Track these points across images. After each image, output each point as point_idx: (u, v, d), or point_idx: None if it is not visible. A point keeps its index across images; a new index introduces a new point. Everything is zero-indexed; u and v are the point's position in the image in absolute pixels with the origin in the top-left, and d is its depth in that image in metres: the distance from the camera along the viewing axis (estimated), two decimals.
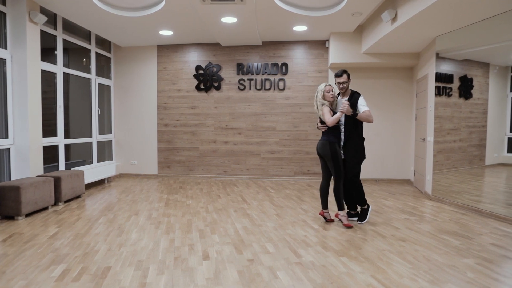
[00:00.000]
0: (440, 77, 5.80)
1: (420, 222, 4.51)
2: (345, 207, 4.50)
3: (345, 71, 4.30)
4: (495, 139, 5.20)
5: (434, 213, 4.99)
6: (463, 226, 4.33)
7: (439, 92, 5.82)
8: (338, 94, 4.53)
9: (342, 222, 4.30)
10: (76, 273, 2.92)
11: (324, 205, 4.44)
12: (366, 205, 4.47)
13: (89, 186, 6.91)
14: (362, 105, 4.23)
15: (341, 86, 4.30)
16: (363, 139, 4.39)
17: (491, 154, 5.27)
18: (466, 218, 4.69)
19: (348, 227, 4.23)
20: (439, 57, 5.82)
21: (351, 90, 4.40)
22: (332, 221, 4.48)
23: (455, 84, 5.61)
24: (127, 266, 3.07)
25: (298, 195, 6.22)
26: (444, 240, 3.79)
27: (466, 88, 5.50)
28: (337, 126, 4.27)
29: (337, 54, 7.14)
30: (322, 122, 4.34)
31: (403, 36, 5.71)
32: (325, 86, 4.30)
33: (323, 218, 4.52)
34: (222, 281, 2.79)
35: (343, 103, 4.16)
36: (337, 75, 4.31)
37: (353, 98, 4.30)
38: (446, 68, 5.76)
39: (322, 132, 4.37)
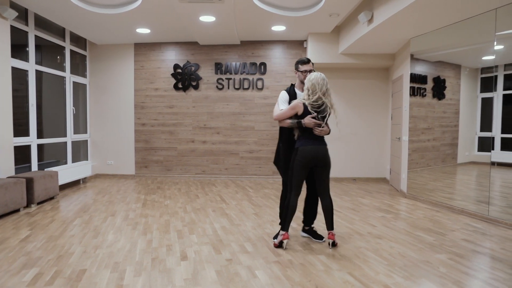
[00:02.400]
0: (414, 78, 5.95)
1: (396, 219, 4.62)
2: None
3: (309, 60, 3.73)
4: (466, 138, 5.37)
5: (409, 210, 5.12)
6: (437, 222, 4.46)
7: (413, 92, 5.96)
8: (292, 85, 3.92)
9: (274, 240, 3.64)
10: (50, 277, 2.84)
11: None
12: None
13: (64, 187, 6.73)
14: None
15: (306, 74, 3.67)
16: None
17: (462, 153, 5.44)
18: (439, 215, 4.83)
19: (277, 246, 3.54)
20: (413, 59, 5.96)
21: None
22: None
23: (429, 85, 5.76)
24: (103, 269, 3.01)
25: (277, 194, 6.25)
26: (418, 236, 3.89)
27: (439, 88, 5.65)
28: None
29: (315, 54, 7.20)
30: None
31: (379, 37, 5.83)
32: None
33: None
34: (201, 281, 2.77)
35: None
36: (304, 62, 3.70)
37: None
38: (420, 69, 5.91)
39: (317, 135, 3.46)
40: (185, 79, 7.95)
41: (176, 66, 7.96)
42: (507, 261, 3.17)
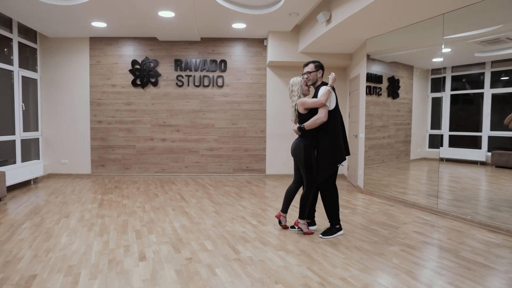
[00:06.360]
0: (370, 78, 6.16)
1: (353, 214, 4.77)
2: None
3: (314, 61, 3.82)
4: (418, 135, 5.65)
5: (366, 205, 5.31)
6: (391, 216, 4.66)
7: (370, 91, 6.18)
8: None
9: (302, 230, 3.89)
10: None
11: (284, 209, 4.02)
12: (339, 225, 3.90)
13: (12, 188, 6.34)
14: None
15: (305, 76, 3.80)
16: (336, 136, 3.70)
17: (415, 150, 5.72)
18: (393, 209, 5.05)
19: (309, 234, 3.89)
20: (369, 59, 6.17)
21: (323, 82, 3.81)
22: (286, 227, 4.07)
23: (384, 84, 6.00)
24: (55, 273, 2.88)
25: (237, 191, 6.26)
26: (374, 230, 4.05)
27: (393, 88, 5.90)
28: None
29: (275, 53, 7.27)
30: (300, 121, 3.79)
31: (337, 37, 5.98)
32: (302, 79, 3.83)
33: (278, 221, 4.14)
34: (160, 281, 2.73)
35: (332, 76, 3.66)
36: (304, 64, 3.86)
37: (316, 92, 3.76)
38: (376, 69, 6.13)
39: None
40: (143, 75, 7.75)
41: (134, 62, 7.74)
42: (453, 251, 3.38)
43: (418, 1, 4.22)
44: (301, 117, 3.77)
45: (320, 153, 3.74)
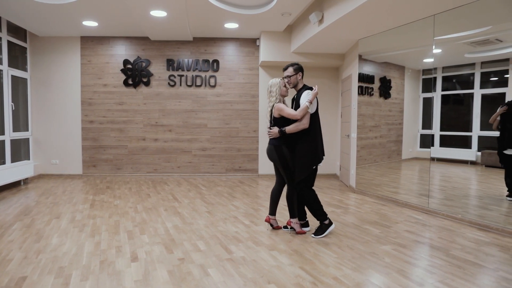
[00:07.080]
0: (362, 78, 6.20)
1: (345, 214, 4.79)
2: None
3: (293, 64, 3.85)
4: (409, 135, 5.69)
5: (358, 205, 5.34)
6: (382, 216, 4.69)
7: (362, 91, 6.21)
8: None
9: (294, 230, 3.90)
10: None
11: (272, 211, 4.00)
12: (328, 220, 3.87)
13: (2, 189, 6.26)
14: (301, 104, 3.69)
15: (286, 80, 3.83)
16: (315, 139, 3.80)
17: (406, 149, 5.77)
18: (385, 209, 5.08)
19: (302, 234, 3.89)
20: (361, 59, 6.21)
21: (305, 85, 3.88)
22: (279, 228, 4.06)
23: (376, 85, 6.04)
24: (46, 274, 2.85)
25: (230, 191, 6.25)
26: (366, 229, 4.07)
27: (385, 88, 5.94)
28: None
29: (267, 53, 7.28)
30: (276, 124, 3.79)
31: (329, 37, 6.00)
32: (281, 80, 3.85)
33: (269, 225, 4.06)
34: (152, 282, 2.71)
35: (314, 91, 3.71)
36: (283, 68, 3.88)
37: (298, 95, 3.81)
38: (368, 69, 6.17)
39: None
40: (135, 75, 7.70)
41: (126, 62, 7.69)
42: (443, 249, 3.42)
43: (409, 2, 4.26)
44: (275, 120, 3.81)
45: (298, 155, 3.78)
